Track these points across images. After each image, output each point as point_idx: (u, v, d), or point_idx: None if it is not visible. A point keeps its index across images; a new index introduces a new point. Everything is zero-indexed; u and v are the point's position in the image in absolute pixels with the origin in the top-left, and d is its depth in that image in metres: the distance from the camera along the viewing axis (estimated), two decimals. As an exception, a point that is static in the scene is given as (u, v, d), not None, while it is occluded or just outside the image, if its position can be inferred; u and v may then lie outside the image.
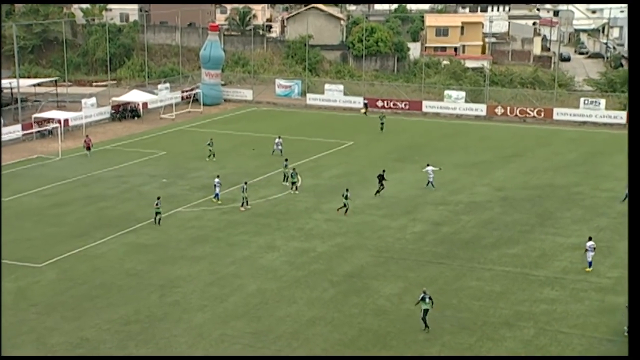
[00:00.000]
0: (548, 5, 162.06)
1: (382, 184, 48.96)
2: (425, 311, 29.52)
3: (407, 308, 31.74)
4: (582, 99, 77.17)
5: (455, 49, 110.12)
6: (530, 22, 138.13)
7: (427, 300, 29.45)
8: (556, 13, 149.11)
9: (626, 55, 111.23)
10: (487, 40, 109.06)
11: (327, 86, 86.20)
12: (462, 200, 47.86)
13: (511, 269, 36.30)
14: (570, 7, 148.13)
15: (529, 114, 77.91)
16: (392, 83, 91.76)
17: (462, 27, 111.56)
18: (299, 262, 37.33)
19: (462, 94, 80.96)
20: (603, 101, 76.12)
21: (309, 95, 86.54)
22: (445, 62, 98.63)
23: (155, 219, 42.31)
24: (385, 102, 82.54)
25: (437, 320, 30.33)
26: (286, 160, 52.99)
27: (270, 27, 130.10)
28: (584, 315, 31.16)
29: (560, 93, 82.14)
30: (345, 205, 44.67)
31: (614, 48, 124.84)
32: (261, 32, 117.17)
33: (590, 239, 36.82)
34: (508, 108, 78.68)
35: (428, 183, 50.49)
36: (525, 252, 38.73)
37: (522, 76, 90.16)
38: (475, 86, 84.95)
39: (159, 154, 60.48)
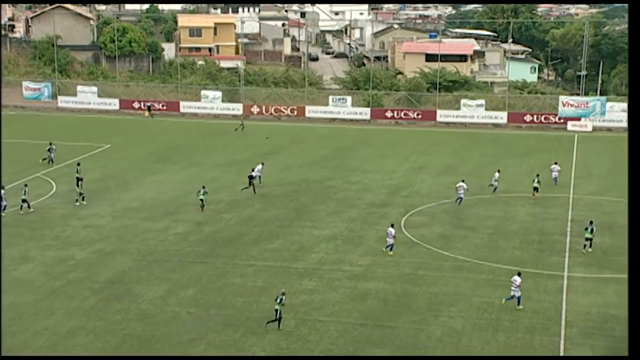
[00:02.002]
0: (295, 7, 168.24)
1: (251, 183, 49.53)
2: (275, 311, 30.03)
3: (172, 310, 31.83)
4: (330, 97, 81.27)
5: (210, 49, 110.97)
6: (279, 23, 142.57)
7: (278, 300, 30.14)
8: (303, 14, 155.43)
9: (367, 54, 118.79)
10: (240, 40, 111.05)
11: (79, 88, 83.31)
12: (224, 199, 48.63)
13: (272, 264, 37.62)
14: (315, 8, 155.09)
15: (283, 112, 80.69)
16: (148, 84, 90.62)
17: (215, 28, 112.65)
18: (57, 271, 35.95)
19: (219, 94, 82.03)
20: (349, 98, 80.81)
21: (60, 98, 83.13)
22: (200, 62, 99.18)
23: None
24: (142, 103, 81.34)
25: (202, 319, 30.74)
26: (78, 164, 51.24)
27: (13, 26, 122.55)
28: (339, 303, 33.07)
29: (311, 91, 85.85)
30: (202, 201, 45.67)
31: (356, 48, 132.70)
32: (3, 32, 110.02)
33: (392, 225, 39.52)
34: (263, 107, 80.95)
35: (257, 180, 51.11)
36: (284, 246, 40.28)
37: (275, 76, 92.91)
38: (231, 86, 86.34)
39: None
